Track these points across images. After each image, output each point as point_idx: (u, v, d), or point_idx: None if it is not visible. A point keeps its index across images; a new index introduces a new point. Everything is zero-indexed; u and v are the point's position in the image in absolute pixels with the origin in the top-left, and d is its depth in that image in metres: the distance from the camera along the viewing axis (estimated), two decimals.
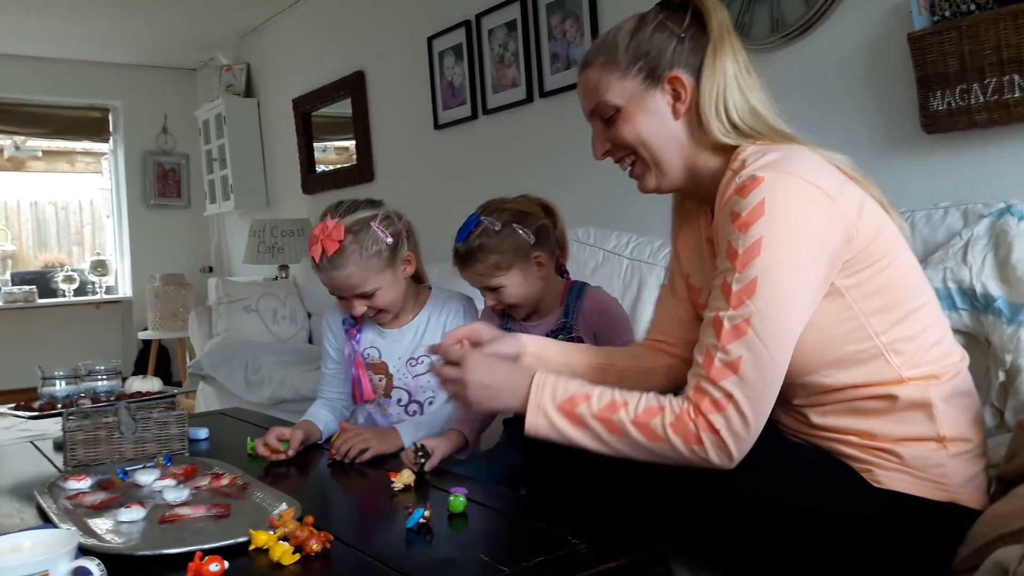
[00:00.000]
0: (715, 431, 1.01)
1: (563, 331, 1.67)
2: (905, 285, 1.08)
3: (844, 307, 1.06)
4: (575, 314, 1.66)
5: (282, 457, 1.62)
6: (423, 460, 1.41)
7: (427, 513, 1.13)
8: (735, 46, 1.15)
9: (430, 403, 1.75)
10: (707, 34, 1.15)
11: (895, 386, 1.07)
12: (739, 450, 1.02)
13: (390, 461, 1.56)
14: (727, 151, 1.14)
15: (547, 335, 1.64)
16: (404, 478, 1.35)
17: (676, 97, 1.15)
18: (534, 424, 1.11)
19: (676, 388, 1.38)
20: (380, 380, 1.77)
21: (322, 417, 1.80)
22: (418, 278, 1.79)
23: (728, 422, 1.01)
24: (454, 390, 1.18)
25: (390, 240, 1.66)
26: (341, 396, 1.86)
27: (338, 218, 1.64)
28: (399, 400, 1.77)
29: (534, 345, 1.32)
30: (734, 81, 1.13)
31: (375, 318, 1.74)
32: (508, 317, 1.75)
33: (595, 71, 1.19)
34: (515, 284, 1.62)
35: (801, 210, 1.01)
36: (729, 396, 1.01)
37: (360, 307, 1.68)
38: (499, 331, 1.34)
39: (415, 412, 1.76)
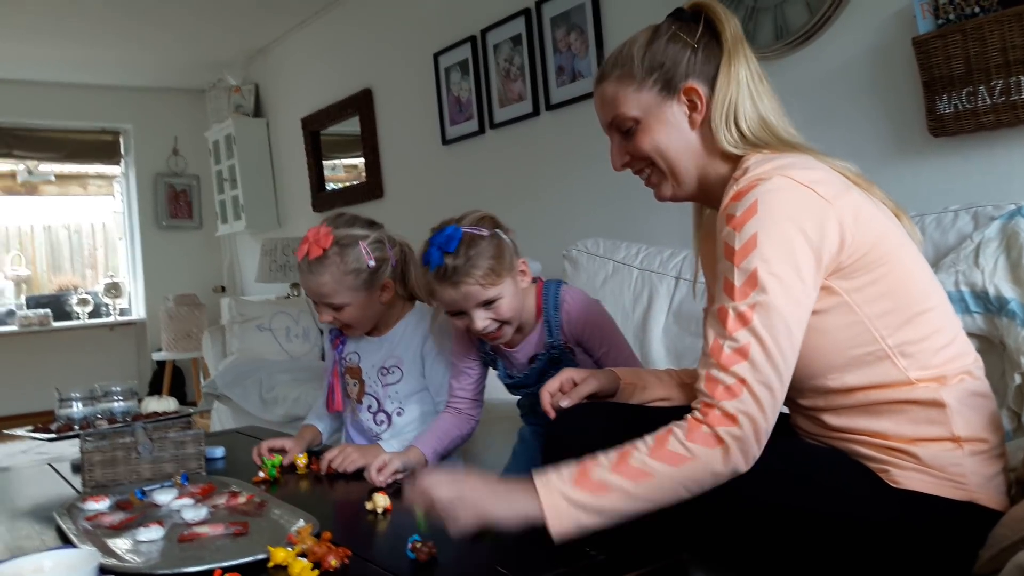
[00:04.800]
0: (731, 418, 0.99)
1: (551, 351, 1.57)
2: (911, 289, 1.08)
3: (847, 311, 1.06)
4: (558, 330, 1.56)
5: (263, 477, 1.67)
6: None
7: (419, 544, 1.09)
8: (748, 55, 1.17)
9: (398, 414, 1.79)
10: (720, 44, 1.17)
11: (904, 387, 1.07)
12: (757, 441, 1.00)
13: None
14: (736, 160, 1.15)
15: (534, 357, 1.60)
16: (378, 503, 1.33)
17: (692, 107, 1.17)
18: (557, 513, 1.00)
19: None
20: (354, 385, 1.82)
21: (322, 424, 1.91)
22: (411, 296, 1.82)
23: (744, 406, 0.99)
24: (444, 521, 1.06)
25: (372, 263, 1.67)
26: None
27: (332, 227, 1.67)
28: (369, 407, 1.81)
29: (626, 375, 1.32)
30: (746, 90, 1.15)
31: (343, 329, 1.78)
32: (485, 343, 1.62)
33: (611, 84, 1.20)
34: (510, 295, 1.48)
35: (793, 209, 1.03)
36: (742, 381, 1.00)
37: (327, 315, 1.71)
38: (587, 370, 1.32)
39: (383, 421, 1.80)
